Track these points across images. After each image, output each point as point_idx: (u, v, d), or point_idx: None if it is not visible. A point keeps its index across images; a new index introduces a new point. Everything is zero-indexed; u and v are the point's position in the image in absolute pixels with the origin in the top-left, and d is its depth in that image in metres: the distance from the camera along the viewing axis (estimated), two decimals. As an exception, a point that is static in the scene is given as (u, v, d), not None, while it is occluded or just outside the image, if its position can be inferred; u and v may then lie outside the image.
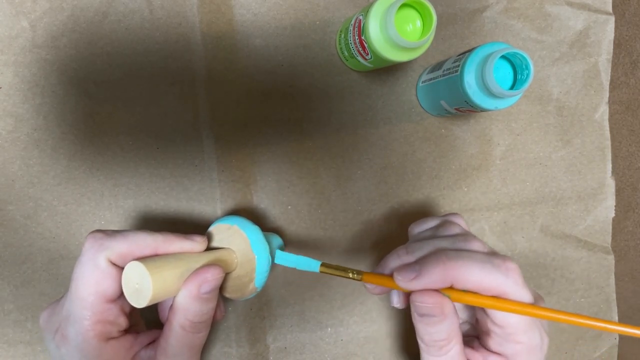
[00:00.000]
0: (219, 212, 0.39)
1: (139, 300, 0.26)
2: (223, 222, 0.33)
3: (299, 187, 0.40)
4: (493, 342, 0.28)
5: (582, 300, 0.44)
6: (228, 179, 0.39)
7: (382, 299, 0.42)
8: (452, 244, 0.28)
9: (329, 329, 0.41)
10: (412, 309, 0.27)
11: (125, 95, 0.38)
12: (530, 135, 0.42)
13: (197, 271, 0.28)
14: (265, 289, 0.41)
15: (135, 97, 0.38)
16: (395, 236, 0.42)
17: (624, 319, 0.44)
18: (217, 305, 0.32)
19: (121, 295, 0.28)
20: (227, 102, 0.39)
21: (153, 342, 0.30)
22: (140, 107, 0.38)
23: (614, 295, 0.44)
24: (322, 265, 0.29)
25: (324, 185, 0.41)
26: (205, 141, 0.39)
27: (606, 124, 0.43)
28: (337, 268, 0.29)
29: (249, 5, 0.39)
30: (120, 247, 0.27)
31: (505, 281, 0.26)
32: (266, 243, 0.32)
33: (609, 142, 0.43)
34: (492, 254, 0.27)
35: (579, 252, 0.44)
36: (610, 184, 0.43)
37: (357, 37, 0.34)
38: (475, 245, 0.28)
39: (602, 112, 0.43)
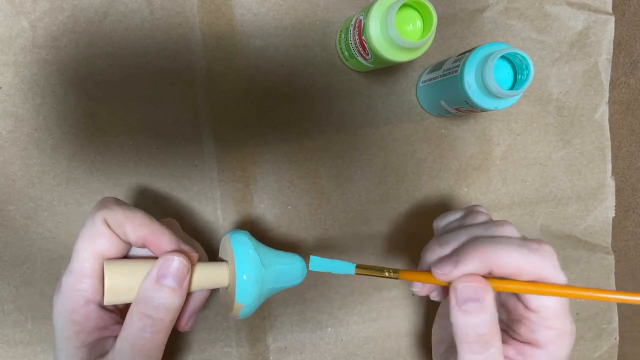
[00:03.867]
0: (219, 212, 0.39)
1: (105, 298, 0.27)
2: (228, 234, 0.32)
3: (299, 187, 0.40)
4: (525, 329, 0.27)
5: (583, 300, 0.44)
6: (228, 179, 0.39)
7: (384, 300, 0.42)
8: (485, 231, 0.28)
9: (329, 329, 0.41)
10: (452, 301, 0.26)
11: (125, 95, 0.38)
12: (530, 135, 0.42)
13: (162, 256, 0.28)
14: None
15: (135, 97, 0.38)
16: (395, 236, 0.42)
17: (624, 319, 0.44)
18: (182, 315, 0.31)
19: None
20: (227, 102, 0.39)
21: None
22: (140, 107, 0.38)
23: (614, 295, 0.44)
24: (357, 267, 0.29)
25: (324, 185, 0.41)
26: (205, 141, 0.39)
27: (606, 124, 0.43)
28: (372, 268, 0.29)
29: (249, 5, 0.39)
30: (119, 214, 0.28)
31: (543, 264, 0.25)
32: (252, 260, 0.30)
33: (609, 142, 0.43)
34: (526, 239, 0.27)
35: (579, 252, 0.44)
36: (610, 184, 0.43)
37: (357, 37, 0.34)
38: (508, 231, 0.28)
39: (602, 112, 0.43)
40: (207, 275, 0.30)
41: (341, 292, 0.41)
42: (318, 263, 0.30)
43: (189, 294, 0.31)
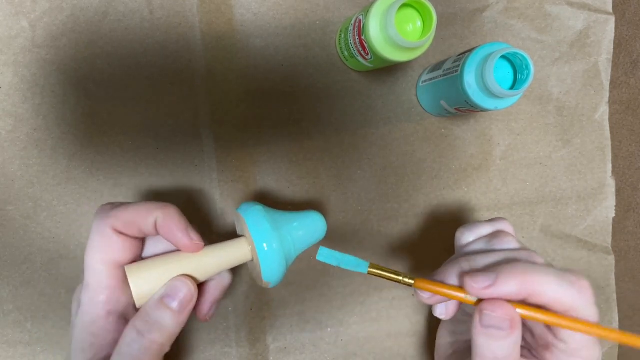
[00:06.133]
0: (218, 212, 0.39)
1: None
2: (249, 210, 0.31)
3: (299, 187, 0.40)
4: (552, 356, 0.27)
5: (582, 300, 0.44)
6: (228, 179, 0.39)
7: (383, 300, 0.42)
8: (521, 256, 0.27)
9: (329, 329, 0.41)
10: (476, 319, 0.25)
11: (125, 95, 0.38)
12: (530, 135, 0.42)
13: (172, 279, 0.28)
14: (265, 288, 0.40)
15: (135, 97, 0.38)
16: (395, 236, 0.42)
17: (624, 319, 0.44)
18: (199, 305, 0.31)
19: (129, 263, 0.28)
20: (227, 102, 0.39)
21: None
22: (140, 107, 0.38)
23: (615, 296, 0.44)
24: (370, 266, 0.27)
25: (324, 185, 0.41)
26: (205, 141, 0.39)
27: (606, 124, 0.43)
28: (387, 270, 0.27)
29: (249, 5, 0.39)
30: (123, 215, 0.27)
31: (580, 300, 0.25)
32: (267, 231, 0.29)
33: (609, 142, 0.43)
34: (562, 270, 0.26)
35: (579, 252, 0.43)
36: (611, 184, 0.43)
37: (357, 37, 0.34)
38: (540, 262, 0.27)
39: (602, 112, 0.43)
40: (228, 254, 0.30)
41: (341, 293, 0.41)
42: (327, 254, 0.28)
43: (207, 282, 0.31)
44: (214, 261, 0.29)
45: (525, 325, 0.29)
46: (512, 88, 0.32)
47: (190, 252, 0.28)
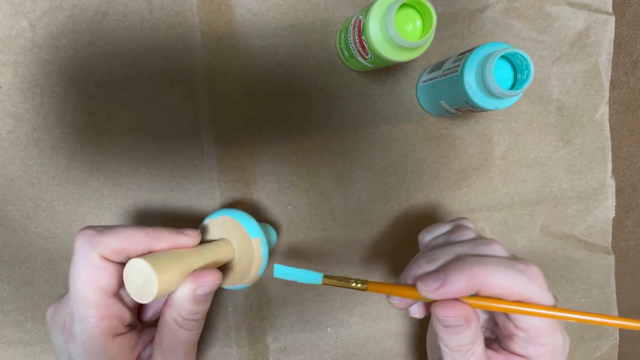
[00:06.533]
0: (218, 212, 0.39)
1: (143, 296, 0.26)
2: (213, 216, 0.33)
3: (299, 187, 0.40)
4: (516, 345, 0.27)
5: (583, 300, 0.44)
6: (228, 179, 0.39)
7: (384, 300, 0.42)
8: (472, 249, 0.27)
9: (329, 329, 0.41)
10: (434, 320, 0.27)
11: (125, 95, 0.38)
12: (530, 135, 0.42)
13: (196, 273, 0.28)
14: (265, 289, 0.40)
15: (135, 97, 0.38)
16: (395, 236, 0.42)
17: (624, 319, 0.44)
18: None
19: (122, 287, 0.28)
20: (227, 102, 0.39)
21: (153, 341, 0.30)
22: (140, 107, 0.38)
23: (615, 296, 0.44)
24: (324, 277, 0.28)
25: (324, 185, 0.41)
26: (205, 141, 0.39)
27: (606, 124, 0.43)
28: (339, 279, 0.28)
29: (249, 5, 0.39)
30: (112, 243, 0.27)
31: (530, 286, 0.25)
32: (261, 228, 0.33)
33: (609, 142, 0.43)
34: (514, 259, 0.27)
35: (579, 252, 0.43)
36: (611, 184, 0.43)
37: (357, 37, 0.34)
38: (496, 250, 0.27)
39: (603, 112, 0.43)
40: (218, 252, 0.31)
41: (341, 292, 0.41)
42: (282, 271, 0.28)
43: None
44: (207, 260, 0.30)
45: (490, 317, 0.30)
46: (512, 88, 0.32)
47: (191, 245, 0.30)
